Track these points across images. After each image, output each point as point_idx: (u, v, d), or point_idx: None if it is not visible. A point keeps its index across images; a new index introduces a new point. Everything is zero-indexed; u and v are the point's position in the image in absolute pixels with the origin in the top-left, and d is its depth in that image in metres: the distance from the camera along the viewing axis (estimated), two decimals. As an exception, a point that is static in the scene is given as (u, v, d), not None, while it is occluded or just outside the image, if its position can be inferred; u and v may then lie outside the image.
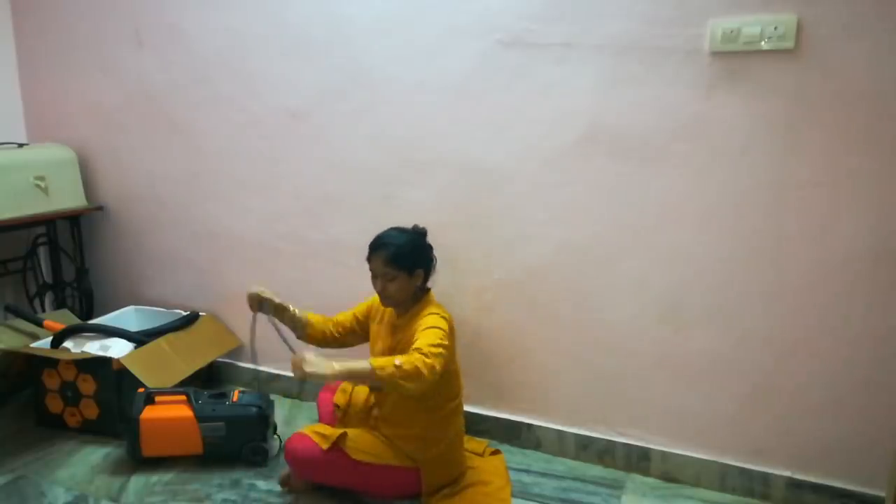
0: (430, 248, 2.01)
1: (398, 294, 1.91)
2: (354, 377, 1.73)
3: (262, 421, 2.16)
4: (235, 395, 2.21)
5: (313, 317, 2.14)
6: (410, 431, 1.91)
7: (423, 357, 1.70)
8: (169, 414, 2.14)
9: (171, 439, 2.14)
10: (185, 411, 2.14)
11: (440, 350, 1.75)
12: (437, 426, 1.92)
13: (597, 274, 2.08)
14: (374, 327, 2.09)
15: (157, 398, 2.16)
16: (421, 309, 1.94)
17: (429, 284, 2.02)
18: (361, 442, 1.93)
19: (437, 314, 1.89)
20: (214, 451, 2.15)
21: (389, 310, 2.03)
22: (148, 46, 2.62)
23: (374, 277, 1.94)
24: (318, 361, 1.68)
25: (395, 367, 1.67)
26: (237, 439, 2.14)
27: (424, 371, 1.68)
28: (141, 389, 2.17)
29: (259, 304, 2.03)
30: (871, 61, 1.68)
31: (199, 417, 2.13)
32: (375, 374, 1.67)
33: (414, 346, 1.76)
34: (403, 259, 1.89)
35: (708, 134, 1.87)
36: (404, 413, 1.92)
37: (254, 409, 2.16)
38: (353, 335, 2.14)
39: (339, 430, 1.94)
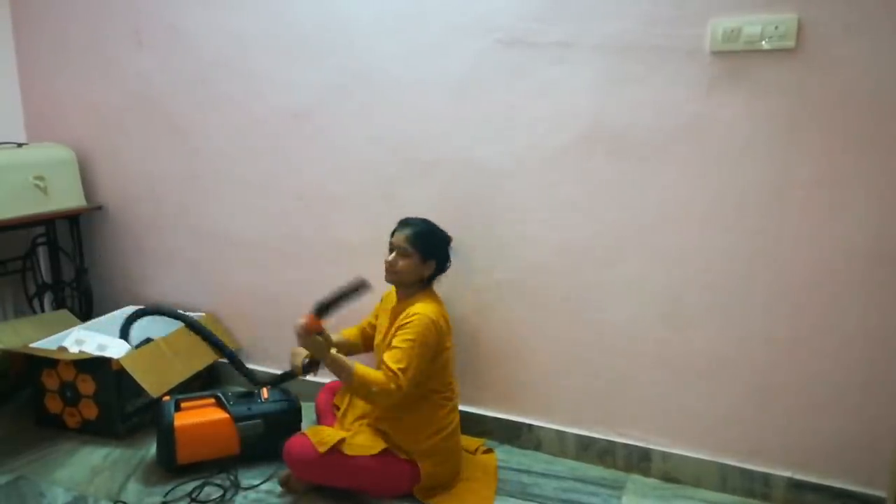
0: (449, 252, 2.08)
1: (405, 270, 1.98)
2: (337, 369, 1.83)
3: (298, 413, 2.20)
4: (265, 393, 2.23)
5: (348, 333, 2.25)
6: (401, 417, 1.94)
7: (390, 377, 1.83)
8: (204, 418, 2.11)
9: (207, 443, 2.11)
10: (219, 413, 2.12)
11: (405, 365, 1.84)
12: (428, 416, 1.96)
13: (597, 274, 2.08)
14: (379, 321, 2.15)
15: (184, 404, 2.13)
16: (417, 300, 1.98)
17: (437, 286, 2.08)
18: (357, 438, 1.95)
19: (419, 316, 1.90)
20: (251, 450, 2.13)
21: (392, 297, 2.10)
22: (148, 46, 2.62)
23: (391, 251, 2.01)
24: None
25: (371, 388, 1.82)
26: (275, 435, 2.12)
27: (392, 387, 1.82)
28: (166, 398, 2.14)
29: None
30: (871, 61, 1.68)
31: (236, 417, 2.11)
32: (353, 380, 1.82)
33: (383, 360, 1.87)
34: (424, 242, 1.99)
35: (708, 134, 1.87)
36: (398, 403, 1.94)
37: (289, 403, 2.20)
38: (371, 340, 2.21)
39: (338, 434, 1.93)
